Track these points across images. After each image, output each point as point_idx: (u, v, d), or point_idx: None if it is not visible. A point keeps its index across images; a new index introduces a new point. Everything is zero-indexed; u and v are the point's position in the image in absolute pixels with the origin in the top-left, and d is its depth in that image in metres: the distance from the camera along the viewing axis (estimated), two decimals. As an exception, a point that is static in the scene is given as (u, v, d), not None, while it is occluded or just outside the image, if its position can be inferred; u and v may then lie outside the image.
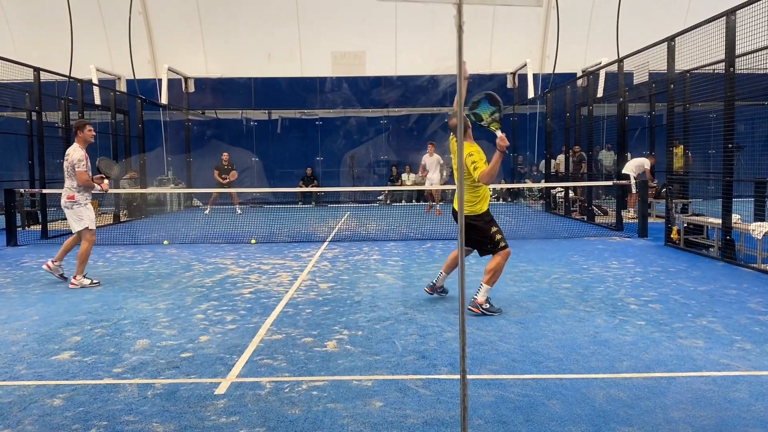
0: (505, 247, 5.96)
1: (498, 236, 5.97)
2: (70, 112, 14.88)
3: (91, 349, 5.02)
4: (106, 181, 8.10)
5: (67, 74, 15.98)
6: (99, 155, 7.95)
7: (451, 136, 6.48)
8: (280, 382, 4.22)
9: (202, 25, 21.72)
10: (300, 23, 21.51)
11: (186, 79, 21.84)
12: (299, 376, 4.31)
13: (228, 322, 5.82)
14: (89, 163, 7.78)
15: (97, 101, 17.50)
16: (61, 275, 7.97)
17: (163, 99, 20.18)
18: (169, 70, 20.36)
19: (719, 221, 9.06)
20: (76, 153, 7.65)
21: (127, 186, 17.18)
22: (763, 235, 8.29)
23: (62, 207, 7.77)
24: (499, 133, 5.27)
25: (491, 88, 21.25)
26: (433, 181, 16.00)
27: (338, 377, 4.29)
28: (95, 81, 18.02)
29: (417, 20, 20.86)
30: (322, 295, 6.96)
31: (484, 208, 6.00)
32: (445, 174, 16.34)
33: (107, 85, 18.59)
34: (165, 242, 11.69)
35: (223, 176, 18.10)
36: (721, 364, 4.44)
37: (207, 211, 18.12)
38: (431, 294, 6.64)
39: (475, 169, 5.67)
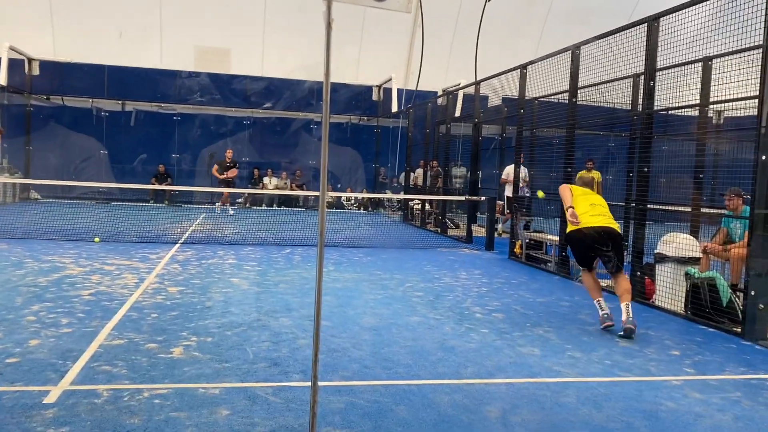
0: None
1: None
2: None
3: None
4: None
5: None
6: None
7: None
8: (118, 390, 3.95)
9: (51, 3, 19.98)
10: (162, 11, 20.46)
11: (30, 60, 19.96)
12: (141, 384, 4.07)
13: (63, 326, 5.37)
14: None
15: None
16: None
17: (2, 80, 18.27)
18: (10, 48, 18.47)
19: (557, 238, 9.83)
20: None
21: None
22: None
23: None
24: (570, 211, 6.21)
25: (359, 98, 21.21)
26: None
27: (183, 385, 4.10)
28: None
29: (286, 21, 20.64)
30: (171, 299, 6.64)
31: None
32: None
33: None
34: (-7, 236, 10.58)
35: (222, 173, 17.85)
36: (553, 371, 4.80)
37: (230, 212, 17.80)
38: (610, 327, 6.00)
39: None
